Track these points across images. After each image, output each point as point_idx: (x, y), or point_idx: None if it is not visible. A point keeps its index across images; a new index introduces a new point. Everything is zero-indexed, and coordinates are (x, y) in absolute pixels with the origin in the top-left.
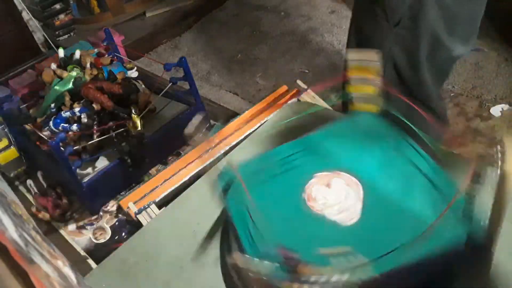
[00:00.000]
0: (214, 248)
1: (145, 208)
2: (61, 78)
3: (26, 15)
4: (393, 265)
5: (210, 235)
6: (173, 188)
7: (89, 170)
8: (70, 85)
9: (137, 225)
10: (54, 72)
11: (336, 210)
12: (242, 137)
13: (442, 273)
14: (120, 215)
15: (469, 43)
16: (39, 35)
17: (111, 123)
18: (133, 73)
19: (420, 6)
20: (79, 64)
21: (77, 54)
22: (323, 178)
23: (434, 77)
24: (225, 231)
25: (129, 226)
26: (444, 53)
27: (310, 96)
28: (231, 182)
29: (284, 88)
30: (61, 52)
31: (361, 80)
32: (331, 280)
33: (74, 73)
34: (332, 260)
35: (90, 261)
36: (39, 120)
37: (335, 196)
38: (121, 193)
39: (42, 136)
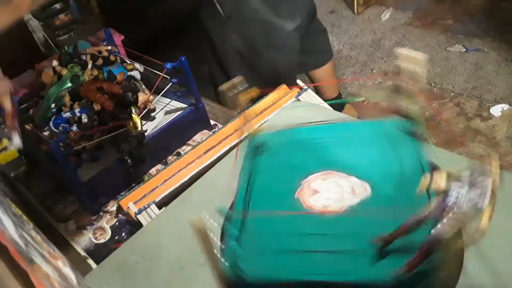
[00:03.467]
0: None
1: (145, 208)
2: (60, 76)
3: (26, 15)
4: None
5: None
6: (173, 188)
7: (89, 170)
8: (68, 84)
9: (137, 225)
10: (54, 68)
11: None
12: (242, 137)
13: None
14: (120, 215)
15: (296, 16)
16: (39, 35)
17: (111, 123)
18: (134, 73)
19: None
20: (83, 61)
21: (89, 50)
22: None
23: (280, 54)
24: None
25: (129, 226)
26: (277, 32)
27: (310, 96)
28: (262, 146)
29: (284, 88)
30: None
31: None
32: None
33: (72, 71)
34: None
35: (90, 261)
36: None
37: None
38: (121, 193)
39: (42, 136)
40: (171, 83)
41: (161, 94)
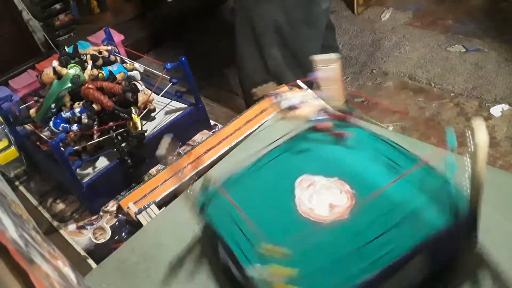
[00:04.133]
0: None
1: (145, 208)
2: (60, 76)
3: (26, 15)
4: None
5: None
6: (173, 188)
7: (89, 170)
8: (68, 84)
9: (137, 225)
10: (54, 68)
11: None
12: (242, 137)
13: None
14: (120, 215)
15: None
16: (39, 35)
17: (111, 123)
18: (135, 74)
19: None
20: (83, 61)
21: (89, 50)
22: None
23: (312, 32)
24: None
25: (129, 226)
26: (315, 8)
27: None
28: (210, 198)
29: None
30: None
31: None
32: None
33: (72, 71)
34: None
35: (90, 261)
36: None
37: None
38: (121, 193)
39: (42, 136)
40: (171, 83)
41: (161, 94)
